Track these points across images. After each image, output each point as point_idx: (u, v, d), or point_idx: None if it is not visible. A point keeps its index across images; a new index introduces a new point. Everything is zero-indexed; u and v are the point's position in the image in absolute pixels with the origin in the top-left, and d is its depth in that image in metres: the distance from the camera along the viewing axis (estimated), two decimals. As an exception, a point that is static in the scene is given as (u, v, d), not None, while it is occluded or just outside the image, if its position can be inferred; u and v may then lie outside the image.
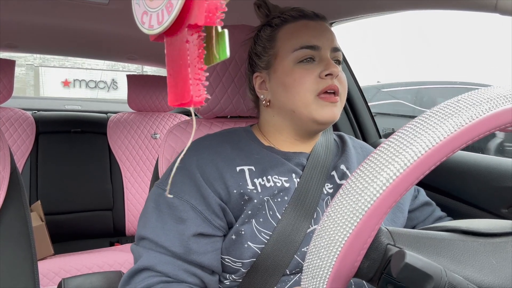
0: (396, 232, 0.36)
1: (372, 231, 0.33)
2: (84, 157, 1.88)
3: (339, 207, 0.33)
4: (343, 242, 0.32)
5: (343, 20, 1.14)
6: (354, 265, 0.33)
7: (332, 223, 0.33)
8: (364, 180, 0.32)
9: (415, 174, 0.32)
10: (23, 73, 11.95)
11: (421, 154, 0.31)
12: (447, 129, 0.32)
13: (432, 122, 0.33)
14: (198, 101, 0.31)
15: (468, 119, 0.33)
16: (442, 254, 0.35)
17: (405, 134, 0.33)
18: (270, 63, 0.75)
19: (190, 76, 0.30)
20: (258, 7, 0.81)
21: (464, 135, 0.32)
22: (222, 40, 0.31)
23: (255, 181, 0.69)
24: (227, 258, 0.67)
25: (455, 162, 0.99)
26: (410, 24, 45.50)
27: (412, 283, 0.31)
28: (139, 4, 0.34)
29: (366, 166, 0.33)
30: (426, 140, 0.32)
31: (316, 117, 0.71)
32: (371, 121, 1.36)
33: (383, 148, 0.33)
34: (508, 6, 0.63)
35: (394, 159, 0.32)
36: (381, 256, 0.34)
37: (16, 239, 0.76)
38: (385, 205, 0.32)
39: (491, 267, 0.35)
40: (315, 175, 0.72)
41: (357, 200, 0.32)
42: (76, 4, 1.18)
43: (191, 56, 0.31)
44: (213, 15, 0.29)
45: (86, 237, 1.86)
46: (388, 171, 0.32)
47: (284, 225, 0.66)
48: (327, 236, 0.33)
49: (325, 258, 0.33)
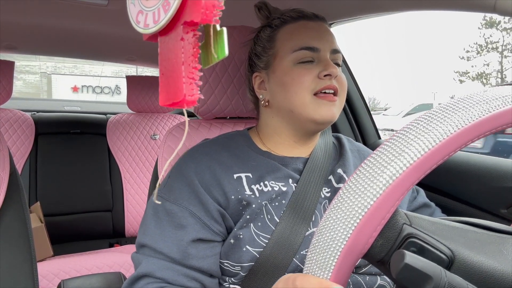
0: (411, 215, 0.36)
1: (392, 207, 0.33)
2: (83, 158, 1.88)
3: (360, 179, 0.33)
4: (362, 213, 0.32)
5: (342, 21, 1.14)
6: (368, 241, 0.33)
7: (352, 194, 0.33)
8: (391, 153, 0.33)
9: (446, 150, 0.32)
10: (38, 80, 13.91)
11: (430, 148, 0.32)
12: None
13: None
14: (191, 101, 0.30)
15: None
16: (455, 240, 0.35)
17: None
18: (269, 63, 0.76)
19: (183, 75, 0.30)
20: (259, 9, 0.81)
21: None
22: (220, 38, 0.31)
23: (253, 187, 0.69)
24: (226, 262, 0.68)
25: (455, 162, 0.99)
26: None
27: (412, 283, 0.31)
28: (134, 4, 0.34)
29: (390, 144, 0.34)
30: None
31: (314, 117, 0.70)
32: (370, 122, 1.36)
33: (406, 130, 0.34)
34: (506, 7, 0.63)
35: (424, 135, 0.33)
36: (396, 235, 0.34)
37: (15, 240, 0.76)
38: (409, 180, 0.32)
39: (503, 256, 0.35)
40: (313, 179, 0.72)
41: (382, 172, 0.32)
42: (75, 5, 1.18)
43: (185, 55, 0.30)
44: (210, 12, 0.29)
45: (85, 238, 1.86)
46: (413, 148, 0.32)
47: (282, 228, 0.66)
48: (344, 208, 0.33)
49: (340, 230, 0.33)
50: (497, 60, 21.17)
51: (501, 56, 20.26)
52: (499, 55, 20.30)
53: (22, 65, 13.63)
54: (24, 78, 13.99)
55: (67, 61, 13.71)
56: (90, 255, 1.61)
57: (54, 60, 13.72)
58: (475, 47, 21.15)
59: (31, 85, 14.09)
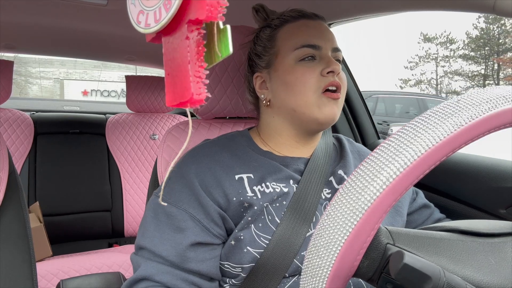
0: (395, 232, 0.36)
1: (372, 230, 0.33)
2: (82, 158, 1.87)
3: (339, 206, 0.33)
4: (342, 241, 0.32)
5: (342, 21, 1.14)
6: (353, 264, 0.33)
7: (332, 222, 0.33)
8: (364, 179, 0.32)
9: (415, 173, 0.32)
10: (51, 85, 15.63)
11: (421, 153, 0.31)
12: (447, 129, 0.32)
13: (433, 122, 0.33)
14: (198, 100, 0.30)
15: (468, 118, 0.33)
16: (441, 254, 0.35)
17: (405, 133, 0.33)
18: (270, 62, 0.76)
19: (190, 74, 0.30)
20: (257, 11, 0.81)
21: (464, 135, 0.32)
22: (224, 36, 0.31)
23: (254, 188, 0.69)
24: (226, 264, 0.67)
25: (454, 162, 0.99)
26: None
27: (411, 283, 0.31)
28: (135, 4, 0.34)
29: (366, 165, 0.33)
30: (426, 140, 0.32)
31: (317, 116, 0.71)
32: (369, 122, 1.36)
33: (383, 148, 0.33)
34: (505, 7, 0.63)
35: (395, 158, 0.32)
36: (380, 256, 0.34)
37: (14, 241, 0.76)
38: (385, 203, 0.32)
39: (490, 267, 0.35)
40: (314, 180, 0.72)
41: (357, 199, 0.32)
42: (75, 5, 1.18)
43: (191, 53, 0.30)
44: (214, 10, 0.29)
45: (84, 238, 1.85)
46: (388, 170, 0.32)
47: (283, 229, 0.66)
48: (326, 235, 0.33)
49: (324, 257, 0.33)
50: (433, 69, 25.78)
51: (436, 66, 24.55)
52: (435, 65, 24.60)
53: (37, 71, 15.37)
54: (39, 83, 15.65)
55: (77, 67, 15.28)
56: (89, 255, 1.61)
57: (66, 67, 15.30)
58: (416, 58, 25.24)
59: (45, 89, 15.70)
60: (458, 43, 23.23)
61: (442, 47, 23.92)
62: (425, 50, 25.59)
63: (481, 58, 22.34)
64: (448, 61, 23.81)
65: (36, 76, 15.25)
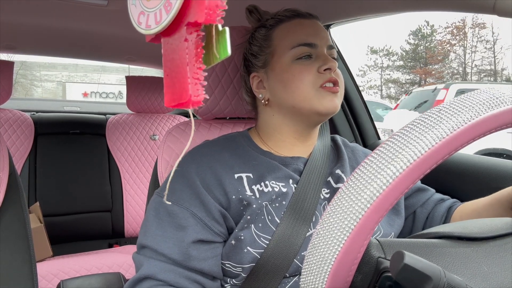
0: (386, 244, 0.36)
1: (361, 246, 0.33)
2: (82, 159, 1.87)
3: (327, 225, 0.33)
4: (333, 260, 0.32)
5: (341, 22, 1.14)
6: (346, 280, 0.34)
7: (322, 241, 0.33)
8: (350, 197, 0.32)
9: (400, 188, 0.31)
10: (54, 87, 17.04)
11: (399, 173, 0.32)
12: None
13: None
14: (196, 101, 0.30)
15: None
16: (434, 263, 0.35)
17: (397, 139, 0.33)
18: (267, 62, 0.76)
19: (188, 75, 0.30)
20: (250, 12, 0.82)
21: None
22: (223, 38, 0.31)
23: (253, 187, 0.70)
24: (227, 263, 0.68)
25: (454, 163, 0.99)
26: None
27: (411, 284, 0.31)
28: (136, 5, 0.34)
29: (351, 182, 0.33)
30: (416, 148, 0.32)
31: (318, 108, 0.71)
32: (369, 122, 1.36)
33: (363, 168, 0.33)
34: (506, 7, 0.63)
35: (374, 179, 0.32)
36: (373, 270, 0.34)
37: (14, 241, 0.76)
38: (372, 220, 0.32)
39: (482, 275, 0.35)
40: (313, 180, 0.73)
41: (344, 218, 0.32)
42: (75, 5, 1.18)
43: (190, 55, 0.30)
44: (213, 13, 0.29)
45: (84, 239, 1.85)
46: (371, 188, 0.32)
47: (283, 229, 0.66)
48: (317, 254, 0.33)
49: (317, 275, 0.33)
50: (378, 77, 30.72)
51: (381, 75, 29.85)
52: (380, 74, 30.03)
53: (42, 74, 16.85)
54: (44, 85, 17.26)
55: (79, 70, 16.70)
56: (89, 256, 1.61)
57: (68, 70, 16.82)
58: (365, 67, 30.53)
59: (49, 91, 17.22)
60: (396, 55, 28.99)
61: (386, 58, 29.62)
62: (373, 61, 31.21)
63: (409, 69, 28.24)
64: (392, 70, 29.47)
65: (40, 79, 16.53)
